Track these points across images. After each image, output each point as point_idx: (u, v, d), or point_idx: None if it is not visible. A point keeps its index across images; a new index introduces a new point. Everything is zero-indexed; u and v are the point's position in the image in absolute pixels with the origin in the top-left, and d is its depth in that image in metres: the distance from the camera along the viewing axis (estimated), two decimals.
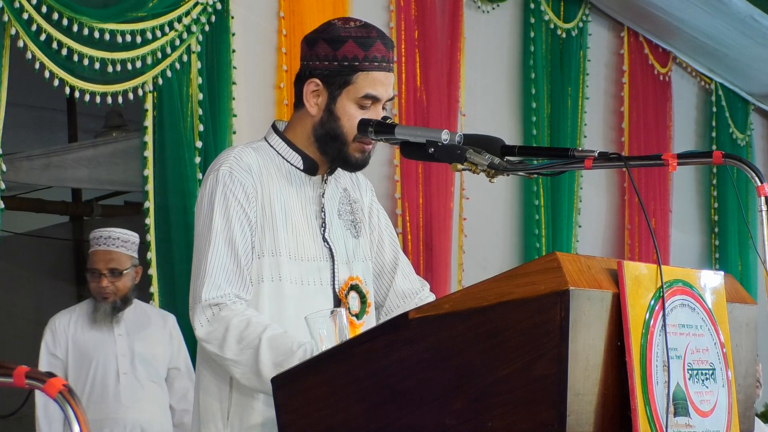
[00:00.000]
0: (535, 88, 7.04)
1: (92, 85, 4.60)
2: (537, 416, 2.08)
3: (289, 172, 2.87)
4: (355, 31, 2.80)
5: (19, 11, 4.29)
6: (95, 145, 6.00)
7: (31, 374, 2.02)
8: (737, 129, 9.30)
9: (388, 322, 2.31)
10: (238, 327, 2.68)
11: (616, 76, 7.98)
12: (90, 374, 5.07)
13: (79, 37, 4.50)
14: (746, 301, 2.61)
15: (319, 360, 2.36)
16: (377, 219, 3.05)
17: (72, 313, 5.22)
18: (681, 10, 7.60)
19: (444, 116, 6.19)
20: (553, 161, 2.61)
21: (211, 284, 2.73)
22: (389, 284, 3.03)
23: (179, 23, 4.89)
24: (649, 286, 2.25)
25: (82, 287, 7.47)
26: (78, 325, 5.18)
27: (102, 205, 7.28)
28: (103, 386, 5.05)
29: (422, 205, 6.05)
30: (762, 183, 2.35)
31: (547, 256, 2.11)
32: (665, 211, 8.26)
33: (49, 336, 5.18)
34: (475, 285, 2.18)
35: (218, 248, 2.75)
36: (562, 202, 7.20)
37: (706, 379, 2.34)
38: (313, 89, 2.83)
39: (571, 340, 2.07)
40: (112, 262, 5.14)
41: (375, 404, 2.25)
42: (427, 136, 2.68)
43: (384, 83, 2.81)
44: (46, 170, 5.81)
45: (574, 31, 7.37)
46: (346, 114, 2.81)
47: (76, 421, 1.95)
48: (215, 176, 2.81)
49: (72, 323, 5.18)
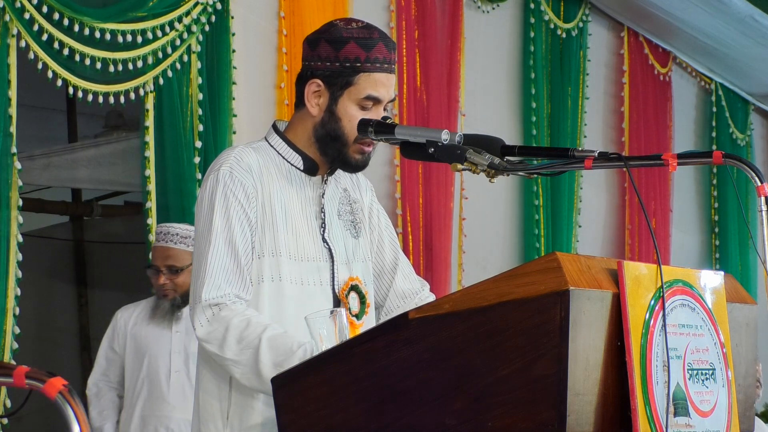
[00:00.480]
0: (535, 88, 7.04)
1: (94, 84, 4.60)
2: (537, 416, 2.09)
3: (289, 172, 2.87)
4: (357, 32, 2.80)
5: (21, 11, 4.30)
6: (95, 145, 6.01)
7: (31, 374, 2.02)
8: (737, 129, 9.30)
9: (388, 322, 2.31)
10: (238, 327, 2.68)
11: (616, 76, 7.98)
12: (143, 370, 5.00)
13: (80, 37, 4.50)
14: (746, 301, 2.61)
15: (319, 360, 2.36)
16: (377, 219, 3.05)
17: (136, 307, 5.15)
18: (681, 10, 7.60)
19: (444, 116, 6.19)
20: (553, 161, 2.61)
21: (211, 284, 2.73)
22: (389, 284, 3.03)
23: (179, 23, 4.90)
24: (649, 286, 2.25)
25: (82, 287, 7.48)
26: (139, 320, 5.09)
27: (102, 205, 7.28)
28: (155, 383, 4.98)
29: (422, 205, 6.05)
30: (762, 183, 2.35)
31: (547, 256, 2.11)
32: (665, 211, 8.26)
33: (110, 330, 5.14)
34: (475, 285, 2.19)
35: (218, 248, 2.75)
36: (562, 202, 7.20)
37: (706, 379, 2.34)
38: (314, 90, 2.83)
39: (571, 340, 2.07)
40: (169, 259, 4.97)
41: (375, 404, 2.25)
42: (427, 136, 2.68)
43: (385, 84, 2.81)
44: (47, 170, 5.81)
45: (574, 31, 7.37)
46: (347, 115, 2.81)
47: (76, 421, 1.95)
48: (215, 176, 2.81)
49: (133, 318, 5.10)
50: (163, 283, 4.99)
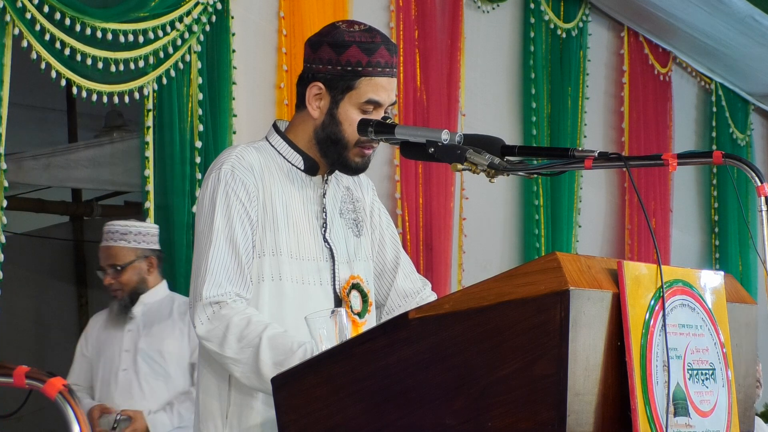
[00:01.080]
0: (535, 88, 7.04)
1: (96, 84, 4.60)
2: (537, 416, 2.09)
3: (290, 171, 2.88)
4: (360, 35, 2.81)
5: (22, 11, 4.30)
6: (95, 145, 6.01)
7: (31, 374, 2.02)
8: (737, 129, 9.30)
9: (388, 322, 2.31)
10: (239, 325, 2.68)
11: (616, 76, 7.98)
12: (99, 372, 5.00)
13: (81, 37, 4.50)
14: (746, 301, 2.61)
15: (319, 360, 2.36)
16: (378, 218, 3.05)
17: (105, 312, 5.13)
18: (681, 10, 7.60)
19: (444, 116, 6.19)
20: (553, 161, 2.61)
21: (212, 282, 2.73)
22: (390, 283, 3.03)
23: (180, 23, 4.90)
24: (649, 286, 2.25)
25: (83, 287, 7.48)
26: (102, 323, 5.08)
27: (102, 205, 7.27)
28: (105, 383, 4.97)
29: (422, 205, 6.05)
30: (762, 183, 2.35)
31: (547, 256, 2.11)
32: (665, 211, 8.26)
33: (83, 337, 5.15)
34: (475, 285, 2.19)
35: (219, 247, 2.75)
36: (562, 202, 7.20)
37: (706, 379, 2.34)
38: (315, 93, 2.84)
39: (571, 340, 2.07)
40: (111, 258, 4.93)
41: (375, 404, 2.25)
42: (427, 136, 2.69)
43: (387, 89, 2.82)
44: (47, 170, 5.81)
45: (574, 31, 7.37)
46: (348, 119, 2.81)
47: (76, 421, 1.95)
48: (217, 175, 2.81)
49: (100, 322, 5.10)
50: (109, 284, 4.94)
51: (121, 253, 4.91)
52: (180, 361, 4.99)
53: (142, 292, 4.98)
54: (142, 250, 4.95)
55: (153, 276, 5.01)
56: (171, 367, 4.98)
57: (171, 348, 4.98)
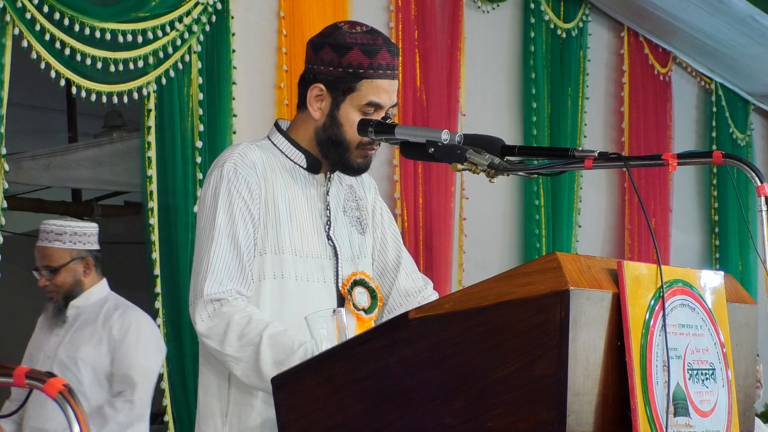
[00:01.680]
0: (535, 88, 7.03)
1: (96, 84, 4.60)
2: (537, 416, 2.09)
3: (292, 170, 2.88)
4: (361, 37, 2.81)
5: (22, 11, 4.30)
6: (96, 145, 6.01)
7: (31, 374, 2.02)
8: (737, 129, 9.30)
9: (388, 322, 2.31)
10: (240, 323, 2.69)
11: (616, 76, 7.97)
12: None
13: (81, 37, 4.50)
14: (746, 301, 2.61)
15: (319, 360, 2.36)
16: (380, 217, 3.06)
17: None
18: (681, 9, 7.60)
19: (444, 116, 6.19)
20: (553, 161, 2.61)
21: (213, 279, 2.73)
22: (392, 282, 3.03)
23: (180, 23, 4.90)
24: (649, 286, 2.25)
25: None
26: (40, 325, 4.90)
27: (102, 205, 7.28)
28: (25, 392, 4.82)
29: (422, 205, 6.04)
30: (762, 183, 2.35)
31: (547, 256, 2.11)
32: (665, 211, 8.26)
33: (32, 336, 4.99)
34: (475, 285, 2.19)
35: (221, 244, 2.75)
36: (562, 202, 7.20)
37: (706, 379, 2.34)
38: (316, 94, 2.84)
39: (571, 340, 2.07)
40: (45, 259, 4.73)
41: (375, 404, 2.25)
42: (427, 136, 2.69)
43: (388, 91, 2.82)
44: (47, 170, 5.82)
45: (574, 31, 7.37)
46: (349, 121, 2.82)
47: (76, 421, 1.95)
48: (219, 172, 2.81)
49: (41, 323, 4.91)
50: (44, 285, 4.76)
51: (55, 254, 4.74)
52: (96, 370, 4.73)
53: (77, 294, 4.80)
54: (77, 251, 4.78)
55: (90, 277, 4.82)
56: (85, 378, 4.71)
57: (86, 356, 4.73)
